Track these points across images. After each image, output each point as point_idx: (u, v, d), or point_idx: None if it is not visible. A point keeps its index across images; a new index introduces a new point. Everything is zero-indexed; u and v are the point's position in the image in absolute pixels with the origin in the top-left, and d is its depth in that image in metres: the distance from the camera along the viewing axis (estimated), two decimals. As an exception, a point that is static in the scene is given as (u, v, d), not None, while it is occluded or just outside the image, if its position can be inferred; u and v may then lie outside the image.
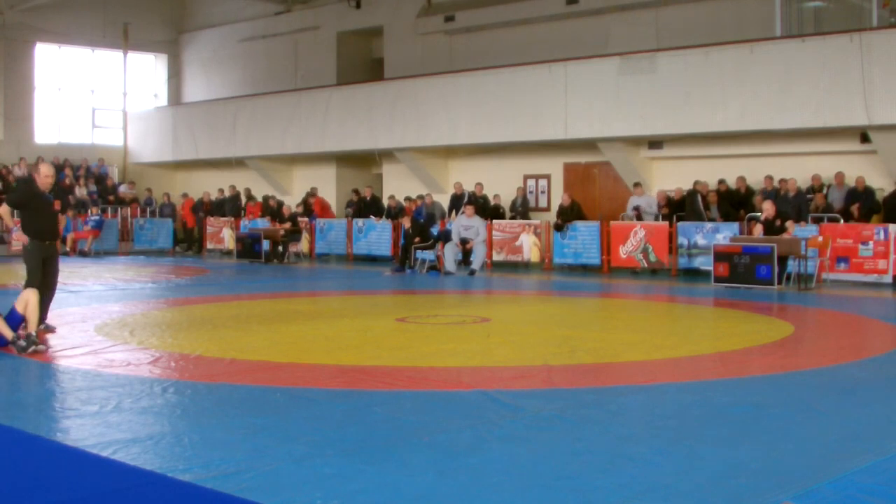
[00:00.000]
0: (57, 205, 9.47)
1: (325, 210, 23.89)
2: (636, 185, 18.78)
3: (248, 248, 21.89)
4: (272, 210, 22.94)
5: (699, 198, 17.70)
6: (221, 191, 25.86)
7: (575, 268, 18.73)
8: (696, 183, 18.07)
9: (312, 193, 24.16)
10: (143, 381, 6.93)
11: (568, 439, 5.28)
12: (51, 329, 9.33)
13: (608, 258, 18.17)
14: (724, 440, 5.27)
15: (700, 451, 5.03)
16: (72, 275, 16.43)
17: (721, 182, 18.23)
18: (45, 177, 9.30)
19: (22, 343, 8.14)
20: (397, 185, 23.68)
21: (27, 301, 8.41)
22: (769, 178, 17.52)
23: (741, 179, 18.18)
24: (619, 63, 19.09)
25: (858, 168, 17.20)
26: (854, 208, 16.49)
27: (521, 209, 20.78)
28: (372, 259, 21.49)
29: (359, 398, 6.41)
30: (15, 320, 8.34)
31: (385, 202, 22.80)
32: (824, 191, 17.24)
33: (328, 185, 25.12)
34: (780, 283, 14.47)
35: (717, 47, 18.12)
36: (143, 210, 27.14)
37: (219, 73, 30.59)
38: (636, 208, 18.48)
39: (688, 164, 19.36)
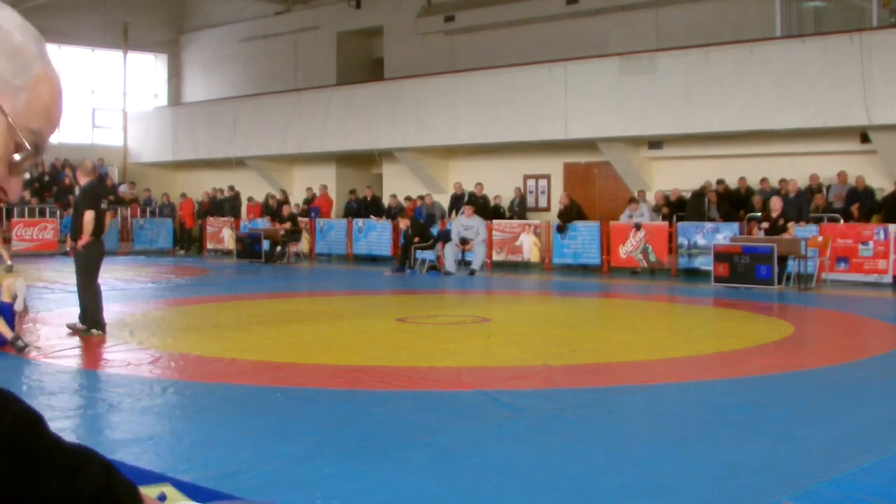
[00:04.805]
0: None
1: (326, 207, 23.99)
2: (632, 199, 18.56)
3: (248, 248, 21.89)
4: (272, 210, 22.94)
5: (706, 200, 17.71)
6: (221, 190, 25.84)
7: (575, 268, 18.72)
8: (704, 185, 18.04)
9: (324, 186, 24.49)
10: (143, 381, 6.92)
11: (568, 439, 5.28)
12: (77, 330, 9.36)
13: (608, 258, 18.16)
14: (724, 440, 5.27)
15: (700, 451, 5.03)
16: (71, 275, 16.40)
17: (720, 182, 18.23)
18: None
19: (21, 343, 8.15)
20: (397, 185, 23.67)
21: (7, 288, 8.35)
22: (765, 181, 17.54)
23: (741, 179, 18.19)
24: (619, 63, 19.09)
25: (858, 168, 17.20)
26: (854, 208, 16.49)
27: (519, 210, 20.77)
28: (372, 259, 21.49)
29: (359, 398, 6.41)
30: (5, 313, 8.31)
31: (385, 202, 22.81)
32: (822, 191, 17.26)
33: (328, 185, 25.10)
34: (780, 283, 14.47)
35: (717, 47, 18.12)
36: (142, 210, 27.12)
37: (219, 73, 30.59)
38: (630, 217, 18.28)
39: (688, 164, 19.36)
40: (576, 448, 5.09)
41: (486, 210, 20.31)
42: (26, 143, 1.09)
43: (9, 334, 8.20)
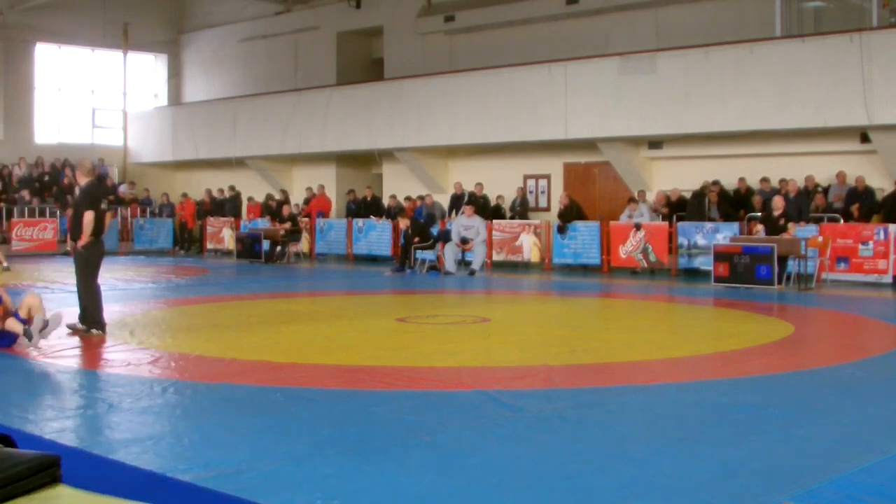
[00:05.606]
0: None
1: (325, 207, 23.94)
2: (631, 199, 18.56)
3: (248, 248, 21.89)
4: (272, 210, 22.95)
5: (707, 200, 17.71)
6: (221, 191, 25.86)
7: (575, 268, 18.72)
8: (704, 185, 18.03)
9: (321, 186, 24.38)
10: (143, 381, 6.93)
11: (568, 439, 5.28)
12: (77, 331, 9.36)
13: (608, 258, 18.16)
14: (724, 440, 5.27)
15: (700, 451, 5.03)
16: (71, 275, 16.40)
17: (715, 183, 18.22)
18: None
19: (31, 331, 8.17)
20: (397, 185, 23.68)
21: (29, 305, 8.48)
22: (765, 181, 17.55)
23: (741, 179, 18.18)
24: (619, 63, 19.09)
25: (858, 168, 17.20)
26: (854, 208, 16.49)
27: (520, 209, 20.78)
28: (372, 259, 21.49)
29: (359, 398, 6.41)
30: (16, 314, 8.41)
31: (385, 202, 22.81)
32: (819, 189, 17.26)
33: (328, 185, 25.12)
34: (780, 283, 14.47)
35: (717, 47, 18.11)
36: (142, 210, 27.12)
37: (219, 73, 30.59)
38: (629, 217, 18.29)
39: (688, 164, 19.36)
40: (576, 448, 5.09)
41: (486, 210, 20.32)
42: None
43: (19, 329, 8.21)
